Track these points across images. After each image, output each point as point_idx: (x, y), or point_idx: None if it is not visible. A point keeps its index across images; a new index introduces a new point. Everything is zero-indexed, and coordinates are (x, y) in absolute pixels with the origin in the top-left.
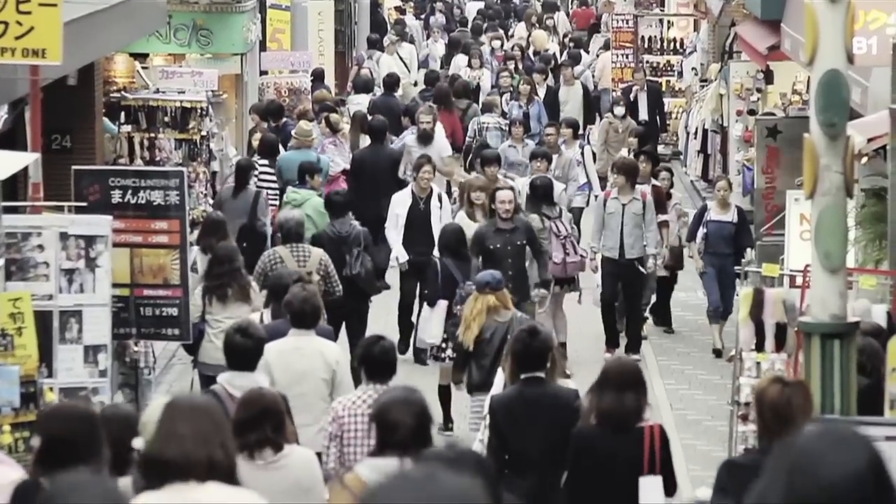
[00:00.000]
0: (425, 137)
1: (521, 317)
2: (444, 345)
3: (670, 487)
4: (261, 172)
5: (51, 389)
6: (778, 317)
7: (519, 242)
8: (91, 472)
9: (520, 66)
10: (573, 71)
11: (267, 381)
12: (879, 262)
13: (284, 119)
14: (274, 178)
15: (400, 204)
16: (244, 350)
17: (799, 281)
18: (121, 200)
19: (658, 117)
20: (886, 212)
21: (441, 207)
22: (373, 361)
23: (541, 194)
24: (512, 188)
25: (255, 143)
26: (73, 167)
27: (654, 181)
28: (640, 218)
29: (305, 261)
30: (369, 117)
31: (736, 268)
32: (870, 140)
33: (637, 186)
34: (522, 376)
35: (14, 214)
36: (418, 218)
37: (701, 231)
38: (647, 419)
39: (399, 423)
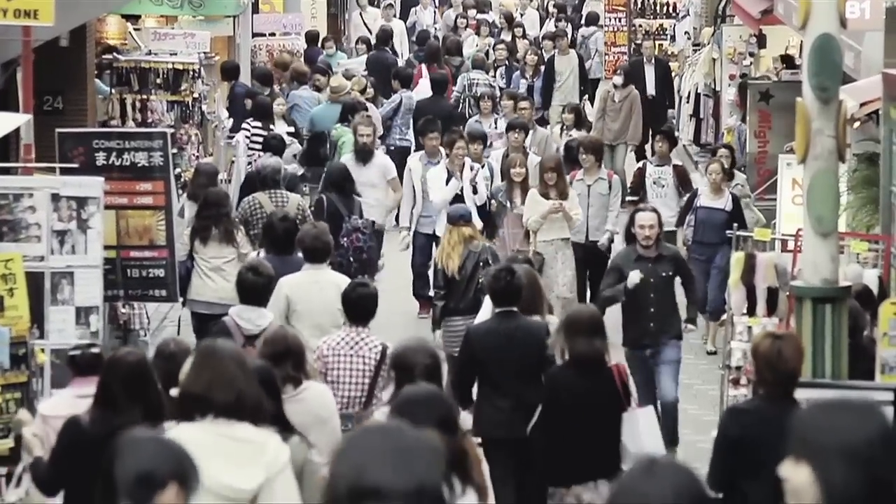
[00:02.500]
0: (364, 154)
1: (489, 246)
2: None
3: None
4: (253, 134)
5: (42, 351)
6: (769, 281)
7: (664, 274)
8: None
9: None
10: (567, 40)
11: (272, 316)
12: (871, 227)
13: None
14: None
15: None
16: (255, 286)
17: (791, 245)
18: (105, 162)
19: (667, 92)
20: (878, 177)
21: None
22: (353, 305)
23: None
24: (655, 210)
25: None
26: (58, 130)
27: (675, 161)
28: (607, 199)
29: (284, 205)
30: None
31: (728, 231)
32: (862, 105)
33: (602, 167)
34: (497, 310)
35: (5, 175)
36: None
37: (689, 217)
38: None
39: (415, 364)
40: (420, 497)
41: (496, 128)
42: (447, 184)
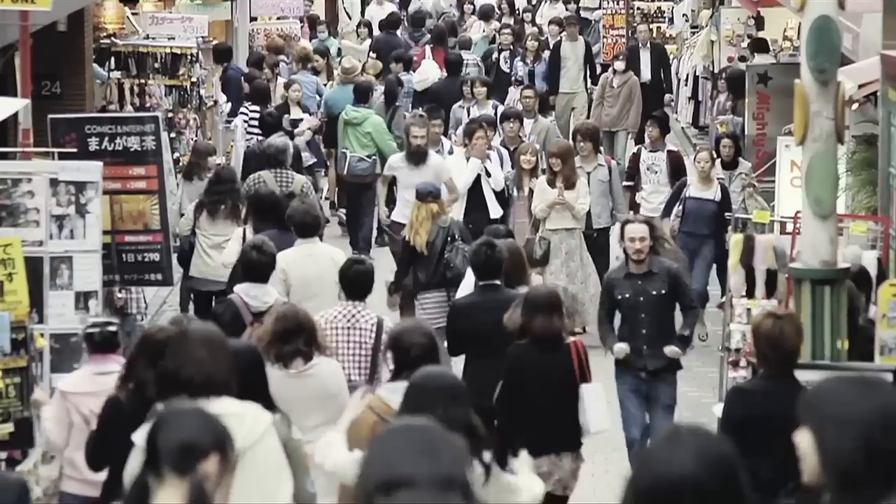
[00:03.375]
0: (418, 156)
1: (457, 221)
2: None
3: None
4: (251, 118)
5: (41, 335)
6: (768, 263)
7: (655, 292)
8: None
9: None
10: (578, 27)
11: (277, 293)
12: (870, 209)
13: (279, 59)
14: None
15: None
16: (259, 264)
17: (789, 227)
18: (98, 148)
19: (663, 77)
20: (877, 158)
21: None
22: (349, 281)
23: None
24: (648, 220)
25: (219, 85)
26: (50, 116)
27: (670, 147)
28: (607, 186)
29: (288, 185)
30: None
31: (727, 214)
32: (860, 86)
33: (600, 154)
34: (480, 283)
35: (4, 160)
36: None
37: (677, 208)
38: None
39: (411, 344)
40: (448, 485)
41: (495, 115)
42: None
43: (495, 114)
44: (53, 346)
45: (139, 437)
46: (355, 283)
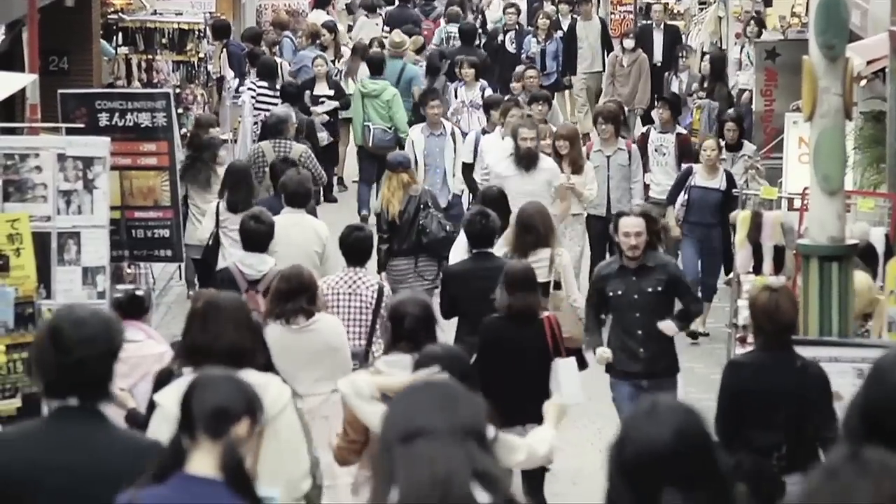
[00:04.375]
0: (528, 160)
1: (428, 189)
2: None
3: (580, 364)
4: (259, 94)
5: (49, 311)
6: (776, 239)
7: (650, 290)
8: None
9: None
10: (591, 5)
11: (272, 261)
12: (878, 186)
13: (284, 35)
14: (274, 100)
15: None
16: (258, 234)
17: (797, 204)
18: (108, 123)
19: (674, 60)
20: (885, 135)
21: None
22: (350, 248)
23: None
24: (644, 213)
25: (223, 60)
26: (60, 91)
27: (679, 129)
28: (627, 170)
29: (287, 154)
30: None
31: (735, 191)
32: (869, 62)
33: (621, 137)
34: (474, 251)
35: (11, 136)
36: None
37: (682, 197)
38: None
39: (406, 314)
40: (465, 435)
41: (482, 98)
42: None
43: (483, 95)
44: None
45: (160, 397)
46: (355, 249)
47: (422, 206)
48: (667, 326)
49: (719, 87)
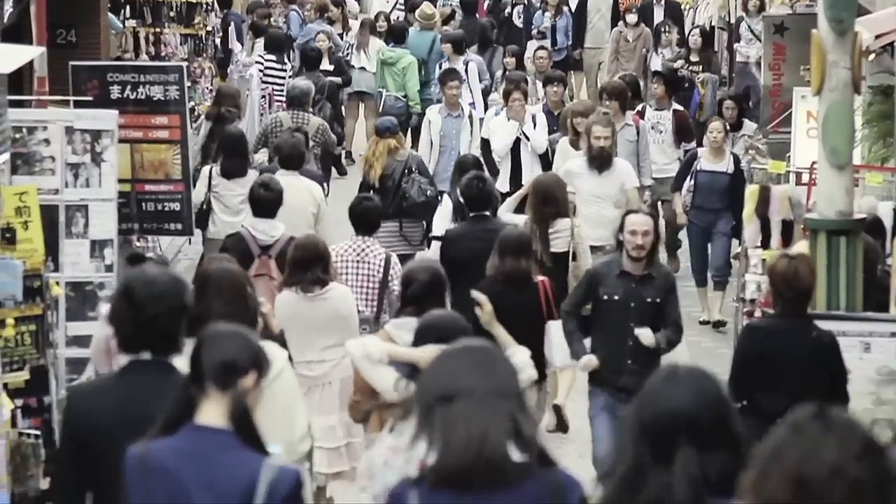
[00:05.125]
0: (602, 161)
1: (415, 155)
2: None
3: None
4: (267, 67)
5: (57, 283)
6: (784, 214)
7: (650, 300)
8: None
9: None
10: None
11: (283, 227)
12: (886, 160)
13: (291, 8)
14: (281, 73)
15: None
16: (267, 201)
17: (805, 178)
18: (120, 96)
19: (655, 35)
20: (893, 109)
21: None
22: (358, 217)
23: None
24: (652, 215)
25: (233, 34)
26: (71, 63)
27: (676, 106)
28: (635, 146)
29: (304, 125)
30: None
31: (743, 163)
32: (877, 37)
33: (629, 112)
34: (471, 214)
35: (20, 108)
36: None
37: (688, 182)
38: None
39: (413, 278)
40: (501, 396)
41: (466, 72)
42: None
43: (466, 71)
44: (69, 295)
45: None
46: (363, 218)
47: (406, 171)
48: (645, 335)
49: (716, 59)
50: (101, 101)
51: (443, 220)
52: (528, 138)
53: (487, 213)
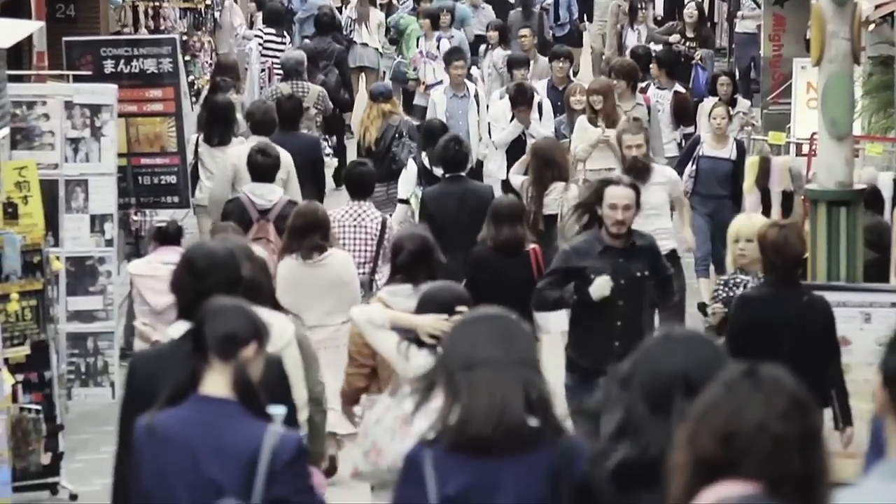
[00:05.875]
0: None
1: (407, 120)
2: None
3: None
4: (266, 41)
5: (57, 258)
6: (784, 185)
7: (639, 274)
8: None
9: None
10: None
11: (281, 191)
12: (886, 131)
13: None
14: (280, 46)
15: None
16: (264, 166)
17: (805, 149)
18: (114, 70)
19: (632, 11)
20: (893, 80)
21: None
22: (354, 182)
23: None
24: (633, 183)
25: (232, 8)
26: (65, 38)
27: (678, 87)
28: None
29: (304, 96)
30: None
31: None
32: (877, 7)
33: (638, 92)
34: (447, 175)
35: (19, 83)
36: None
37: (690, 168)
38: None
39: (401, 247)
40: (520, 365)
41: (438, 49)
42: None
43: (438, 47)
44: (69, 269)
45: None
46: (358, 183)
47: (397, 136)
48: None
49: (711, 38)
50: (96, 76)
51: (407, 184)
52: (532, 137)
53: (463, 174)
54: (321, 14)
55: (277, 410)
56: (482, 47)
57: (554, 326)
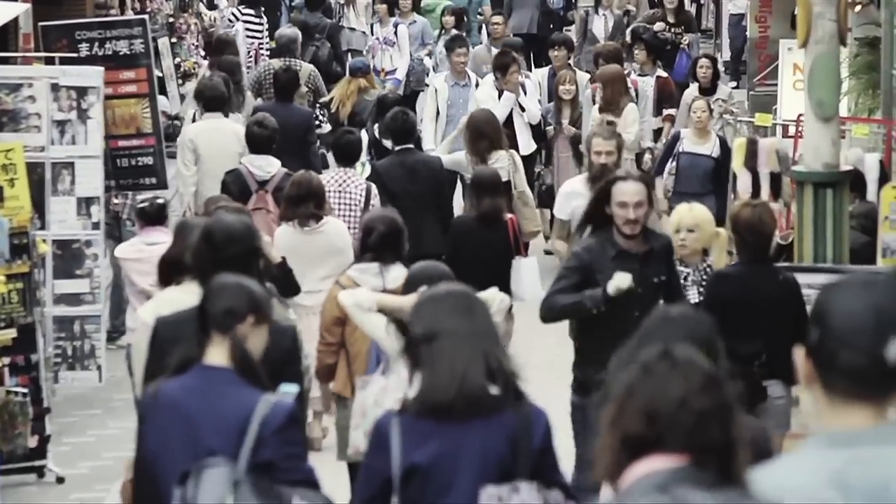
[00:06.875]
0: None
1: (384, 94)
2: None
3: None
4: (246, 22)
5: (44, 241)
6: (772, 166)
7: (657, 279)
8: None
9: None
10: None
11: (278, 163)
12: (872, 112)
13: None
14: (258, 27)
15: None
16: (261, 137)
17: (792, 130)
18: (89, 53)
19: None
20: (879, 61)
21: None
22: (341, 149)
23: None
24: (644, 178)
25: None
26: (40, 23)
27: (660, 71)
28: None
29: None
30: None
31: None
32: None
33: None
34: (397, 148)
35: (5, 65)
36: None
37: (670, 165)
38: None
39: (373, 228)
40: (480, 336)
41: (395, 35)
42: (499, 99)
43: (395, 33)
44: (56, 252)
45: (142, 311)
46: (346, 150)
47: (375, 111)
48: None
49: (692, 19)
50: (73, 60)
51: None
52: (523, 109)
53: (411, 145)
54: None
55: (291, 389)
56: (436, 32)
57: (529, 294)
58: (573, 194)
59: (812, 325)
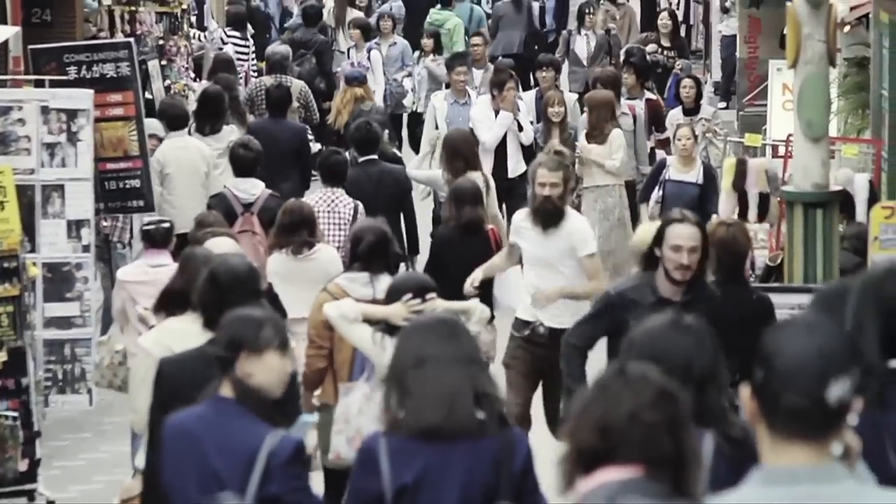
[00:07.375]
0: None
1: (379, 106)
2: None
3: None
4: (234, 44)
5: (34, 264)
6: (761, 186)
7: None
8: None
9: None
10: None
11: (262, 185)
12: (861, 132)
13: None
14: (244, 49)
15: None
16: (246, 160)
17: (781, 151)
18: (77, 76)
19: (580, 17)
20: (868, 81)
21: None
22: (328, 169)
23: None
24: (699, 222)
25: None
26: (30, 47)
27: (648, 94)
28: (631, 135)
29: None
30: None
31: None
32: (852, 8)
33: (623, 101)
34: (361, 159)
35: None
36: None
37: (657, 193)
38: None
39: (362, 238)
40: (467, 363)
41: (369, 60)
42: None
43: (369, 58)
44: (46, 275)
45: (143, 339)
46: (333, 170)
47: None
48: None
49: (680, 40)
50: (62, 82)
51: None
52: (521, 128)
53: (375, 156)
54: (307, 6)
55: (310, 419)
56: (415, 54)
57: (516, 302)
58: (515, 228)
59: (757, 365)
